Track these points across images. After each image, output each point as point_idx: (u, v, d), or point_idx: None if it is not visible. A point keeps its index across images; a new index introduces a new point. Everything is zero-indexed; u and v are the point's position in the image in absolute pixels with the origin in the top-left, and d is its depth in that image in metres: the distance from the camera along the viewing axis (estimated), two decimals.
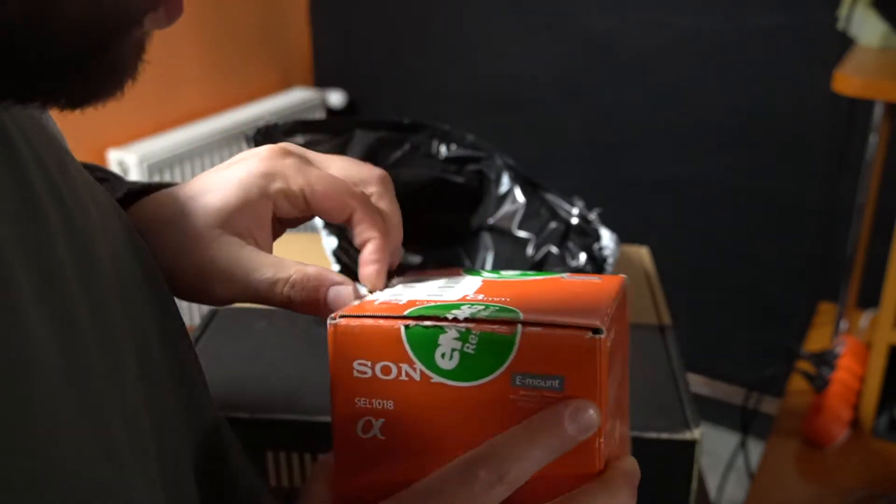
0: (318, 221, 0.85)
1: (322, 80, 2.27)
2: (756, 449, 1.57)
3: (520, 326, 0.31)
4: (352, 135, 0.89)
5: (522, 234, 0.87)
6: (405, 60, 2.13)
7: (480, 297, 0.36)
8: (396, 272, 0.44)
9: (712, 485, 1.58)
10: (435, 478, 0.31)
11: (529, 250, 0.85)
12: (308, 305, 0.38)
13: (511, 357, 0.32)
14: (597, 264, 0.81)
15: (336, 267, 0.76)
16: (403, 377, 0.32)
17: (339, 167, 0.42)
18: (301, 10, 2.20)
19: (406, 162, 0.91)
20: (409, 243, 0.94)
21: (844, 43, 1.41)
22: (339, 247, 0.85)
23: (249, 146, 0.86)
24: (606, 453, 0.33)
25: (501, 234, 0.89)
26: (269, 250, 0.42)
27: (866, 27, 1.35)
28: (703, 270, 1.90)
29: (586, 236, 0.83)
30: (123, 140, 1.79)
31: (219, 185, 0.40)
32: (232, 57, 2.02)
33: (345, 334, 0.33)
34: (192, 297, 0.41)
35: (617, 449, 0.36)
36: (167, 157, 1.77)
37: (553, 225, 0.85)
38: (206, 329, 0.71)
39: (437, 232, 0.92)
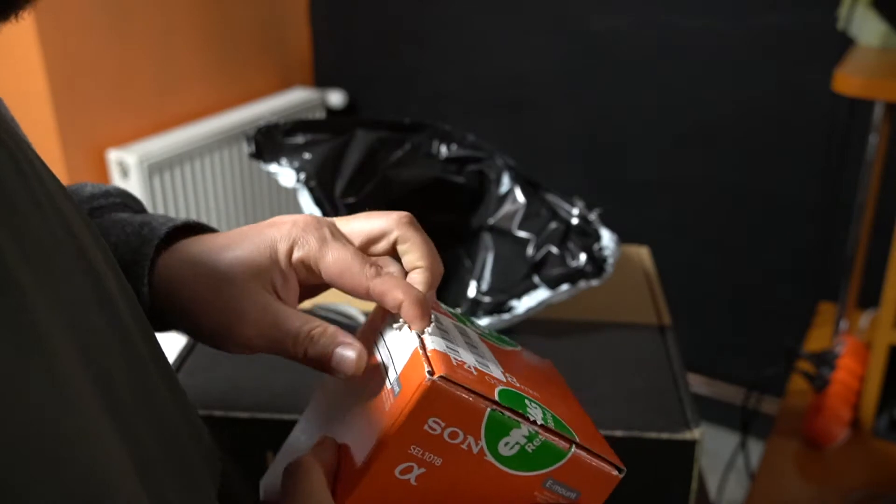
0: None
1: (322, 80, 2.27)
2: (756, 449, 1.57)
3: (573, 447, 0.37)
4: (352, 135, 0.89)
5: (522, 234, 0.87)
6: (405, 60, 2.13)
7: (517, 382, 0.40)
8: None
9: (712, 485, 1.58)
10: None
11: (529, 250, 0.85)
12: (318, 361, 0.41)
13: (555, 466, 0.37)
14: (597, 264, 0.81)
15: None
16: (464, 446, 0.36)
17: (359, 226, 0.44)
18: (301, 10, 2.20)
19: (406, 162, 0.91)
20: None
21: (844, 43, 1.41)
22: None
23: (250, 146, 0.86)
24: None
25: (501, 234, 0.89)
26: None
27: (866, 27, 1.35)
28: (703, 270, 1.90)
29: (586, 236, 0.83)
30: (123, 140, 1.79)
31: (252, 241, 0.43)
32: (232, 57, 2.02)
33: (436, 393, 0.35)
34: (213, 340, 0.43)
35: None
36: (167, 157, 1.77)
37: (553, 225, 0.85)
38: None
39: (437, 232, 0.92)
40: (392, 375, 0.38)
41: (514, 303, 0.83)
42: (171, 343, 1.43)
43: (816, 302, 1.72)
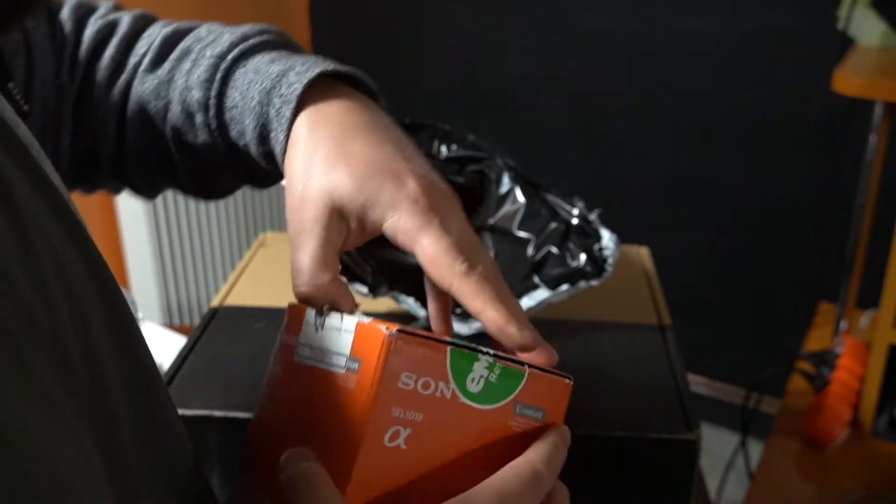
0: None
1: None
2: (756, 449, 1.58)
3: (527, 367, 0.41)
4: None
5: (523, 234, 0.87)
6: (404, 61, 2.13)
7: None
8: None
9: (712, 485, 1.59)
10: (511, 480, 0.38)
11: (529, 250, 0.85)
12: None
13: (518, 389, 0.40)
14: (597, 265, 0.81)
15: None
16: (438, 394, 0.38)
17: (457, 229, 0.43)
18: (301, 10, 2.20)
19: None
20: None
21: (844, 43, 1.41)
22: None
23: None
24: None
25: (502, 234, 0.89)
26: (336, 245, 0.43)
27: (866, 27, 1.35)
28: (703, 270, 1.90)
29: (587, 237, 0.83)
30: None
31: (371, 177, 0.43)
32: None
33: (399, 346, 0.37)
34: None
35: None
36: None
37: (553, 225, 0.85)
38: (206, 329, 0.71)
39: None
40: (340, 360, 0.38)
41: None
42: (172, 343, 1.43)
43: (816, 302, 1.72)
